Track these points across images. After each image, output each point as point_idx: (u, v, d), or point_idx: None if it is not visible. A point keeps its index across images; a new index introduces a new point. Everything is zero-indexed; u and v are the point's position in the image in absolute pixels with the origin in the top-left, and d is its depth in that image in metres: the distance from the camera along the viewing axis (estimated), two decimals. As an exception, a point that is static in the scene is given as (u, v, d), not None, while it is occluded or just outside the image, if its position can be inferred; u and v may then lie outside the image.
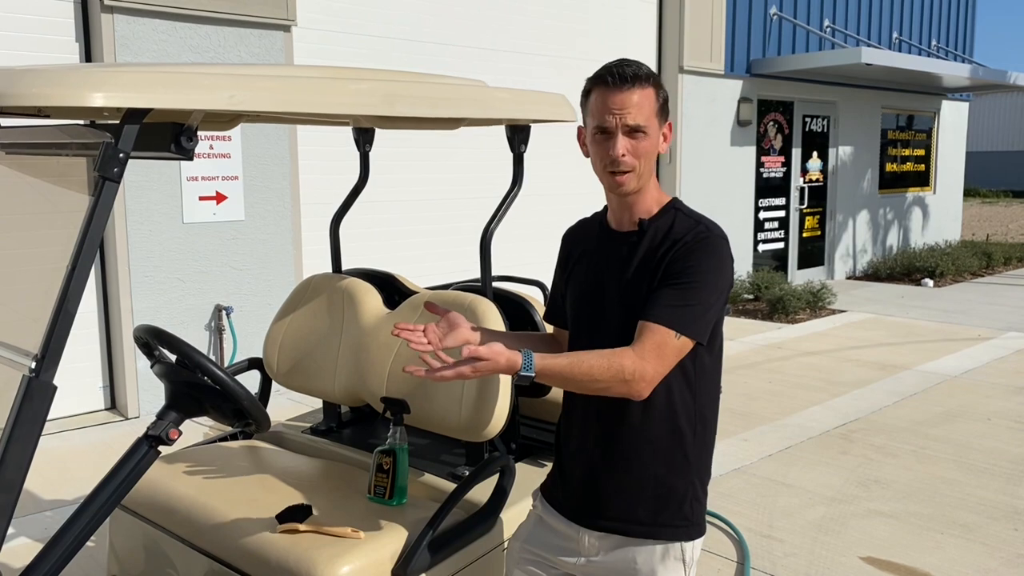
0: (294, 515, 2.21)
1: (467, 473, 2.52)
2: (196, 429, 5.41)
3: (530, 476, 2.60)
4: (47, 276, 1.71)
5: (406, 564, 2.11)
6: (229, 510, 2.35)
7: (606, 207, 2.05)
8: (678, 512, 1.92)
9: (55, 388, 1.55)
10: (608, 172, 1.89)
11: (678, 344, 1.78)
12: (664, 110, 1.90)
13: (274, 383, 3.11)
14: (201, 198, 5.98)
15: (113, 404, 5.94)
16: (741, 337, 8.25)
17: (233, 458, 2.74)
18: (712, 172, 9.97)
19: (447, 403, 2.48)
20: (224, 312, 6.07)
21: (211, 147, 6.00)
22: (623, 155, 1.85)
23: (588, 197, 8.61)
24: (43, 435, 5.41)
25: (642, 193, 1.94)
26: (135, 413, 5.79)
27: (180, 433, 1.93)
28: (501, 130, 5.99)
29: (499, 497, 2.34)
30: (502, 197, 2.65)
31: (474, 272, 5.89)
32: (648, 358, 1.76)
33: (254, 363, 3.08)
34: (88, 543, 3.59)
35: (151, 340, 2.03)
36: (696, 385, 1.91)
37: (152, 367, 2.07)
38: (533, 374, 1.71)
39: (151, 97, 1.60)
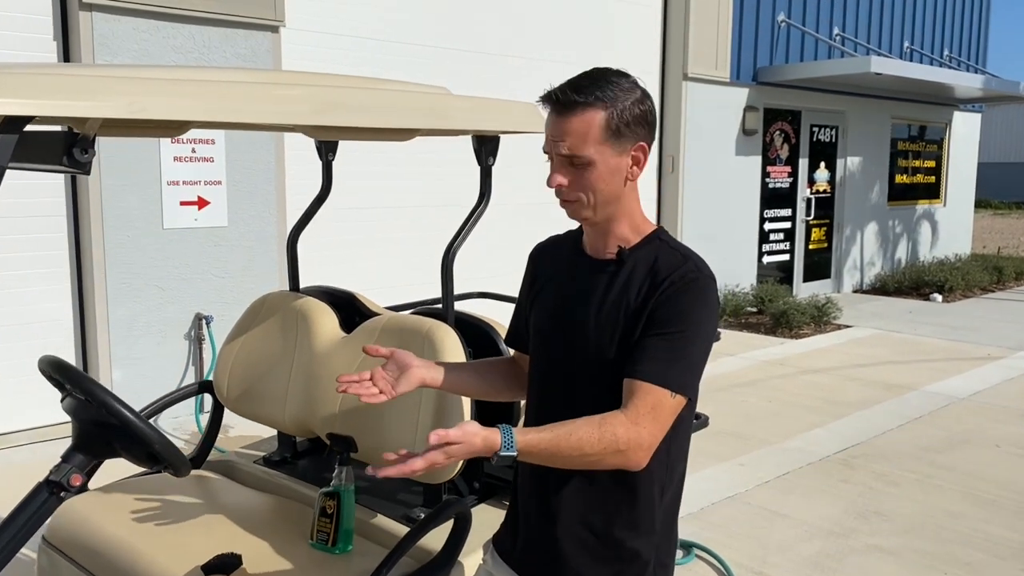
0: (221, 566, 1.99)
1: (423, 516, 2.30)
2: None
3: (493, 519, 2.36)
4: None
5: (343, 624, 1.90)
6: (157, 555, 2.14)
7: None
8: None
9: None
10: (557, 198, 1.69)
11: (673, 404, 1.58)
12: (623, 132, 1.62)
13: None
14: (182, 203, 5.78)
15: (88, 415, 5.74)
16: (742, 352, 8.01)
17: (175, 491, 2.53)
18: (716, 182, 9.73)
19: (400, 439, 2.26)
20: (204, 321, 5.87)
21: (193, 151, 5.81)
22: (558, 185, 1.64)
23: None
24: (12, 448, 5.22)
25: (615, 222, 1.71)
26: (109, 425, 5.59)
27: (84, 479, 1.72)
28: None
29: (452, 547, 2.12)
30: (470, 210, 2.43)
31: (463, 286, 5.70)
32: (643, 423, 1.54)
33: (204, 386, 2.87)
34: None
35: (53, 373, 1.82)
36: (670, 438, 1.69)
37: (62, 401, 1.86)
38: (514, 453, 1.49)
39: (33, 104, 1.39)
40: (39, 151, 1.49)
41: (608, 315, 1.67)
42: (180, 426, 5.62)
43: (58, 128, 1.56)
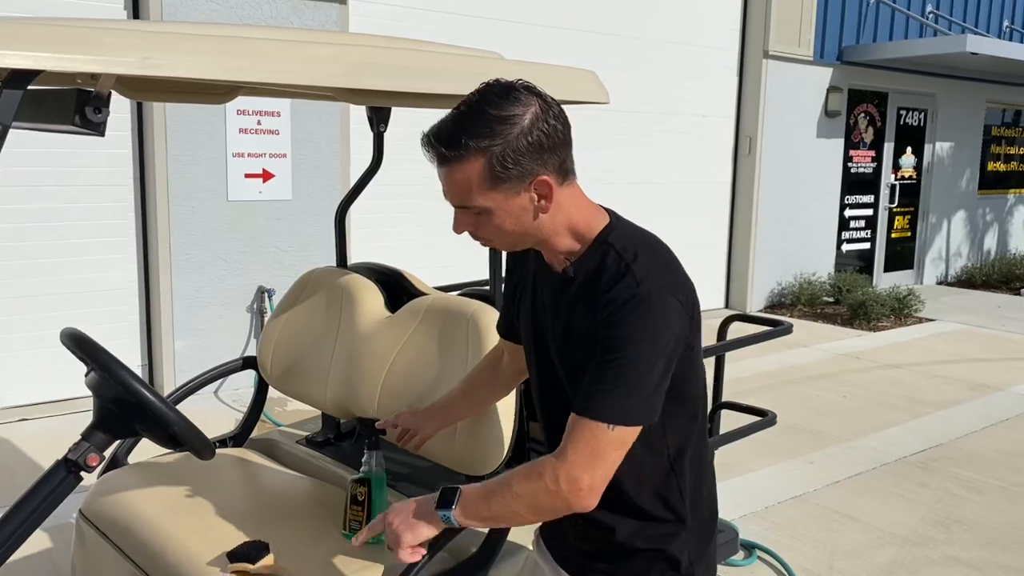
0: (248, 554, 1.90)
1: (462, 509, 2.17)
2: (230, 414, 5.22)
3: (537, 516, 2.24)
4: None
5: (371, 621, 1.79)
6: (187, 538, 2.06)
7: None
8: None
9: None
10: None
11: (615, 436, 1.40)
12: (510, 173, 1.40)
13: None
14: (247, 175, 5.77)
15: (151, 383, 5.80)
16: (816, 344, 7.69)
17: (213, 470, 2.46)
18: (795, 165, 9.35)
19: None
20: (266, 294, 5.87)
21: (259, 123, 5.78)
22: (461, 232, 1.50)
23: (646, 186, 8.13)
24: (73, 414, 5.28)
25: (550, 242, 1.53)
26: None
27: (102, 459, 1.64)
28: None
29: (490, 547, 1.99)
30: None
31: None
32: (575, 460, 1.40)
33: (248, 362, 2.79)
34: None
35: (72, 347, 1.74)
36: (686, 467, 1.61)
37: (86, 376, 1.78)
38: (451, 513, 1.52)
39: (39, 57, 1.29)
40: (50, 110, 1.40)
41: (562, 338, 1.56)
42: (239, 398, 5.63)
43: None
